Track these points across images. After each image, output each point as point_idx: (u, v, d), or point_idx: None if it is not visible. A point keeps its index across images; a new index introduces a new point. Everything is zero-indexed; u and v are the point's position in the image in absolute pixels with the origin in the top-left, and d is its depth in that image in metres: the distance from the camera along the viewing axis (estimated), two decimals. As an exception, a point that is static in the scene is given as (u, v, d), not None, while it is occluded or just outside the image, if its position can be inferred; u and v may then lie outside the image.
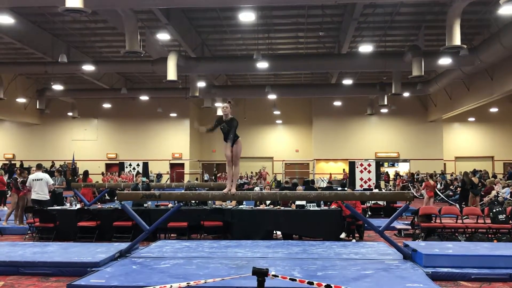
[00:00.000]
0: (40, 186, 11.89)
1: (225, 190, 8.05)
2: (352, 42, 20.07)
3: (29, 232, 11.59)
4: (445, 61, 18.14)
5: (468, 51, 16.46)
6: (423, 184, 17.99)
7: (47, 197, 12.03)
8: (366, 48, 19.53)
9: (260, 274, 3.48)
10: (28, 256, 8.00)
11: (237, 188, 14.91)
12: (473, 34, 20.17)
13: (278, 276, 3.96)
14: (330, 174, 31.23)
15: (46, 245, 9.33)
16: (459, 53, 16.26)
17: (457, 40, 13.75)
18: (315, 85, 29.28)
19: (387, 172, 30.60)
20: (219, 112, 8.03)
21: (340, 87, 26.12)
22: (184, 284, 4.18)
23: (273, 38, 20.82)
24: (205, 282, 4.59)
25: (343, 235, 10.90)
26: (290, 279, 4.28)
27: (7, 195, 20.22)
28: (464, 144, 33.50)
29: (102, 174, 27.11)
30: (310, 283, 3.95)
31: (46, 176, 12.21)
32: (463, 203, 16.83)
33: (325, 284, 3.80)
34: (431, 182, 16.52)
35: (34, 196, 11.89)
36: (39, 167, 12.57)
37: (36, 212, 11.30)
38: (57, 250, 8.59)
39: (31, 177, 12.18)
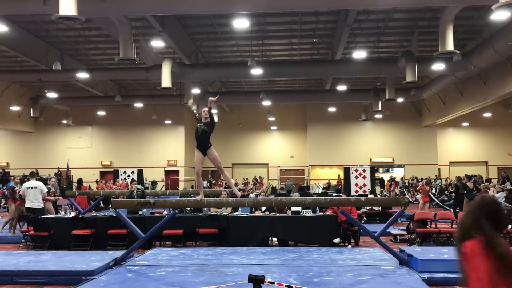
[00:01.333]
0: (34, 194, 11.79)
1: (198, 198, 8.07)
2: (346, 48, 20.14)
3: (23, 240, 11.52)
4: (438, 66, 18.22)
5: (461, 56, 16.55)
6: (418, 186, 18.04)
7: (41, 205, 11.92)
8: (359, 54, 19.61)
9: (256, 281, 3.47)
10: (22, 265, 7.95)
11: (232, 194, 14.82)
12: (466, 40, 20.29)
13: (274, 283, 3.94)
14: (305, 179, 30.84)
15: (41, 253, 9.28)
16: (452, 59, 16.33)
17: (450, 45, 13.83)
18: (309, 91, 29.33)
19: (382, 177, 30.65)
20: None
21: (334, 93, 26.18)
22: (179, 292, 4.14)
23: (267, 44, 20.86)
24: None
25: (337, 240, 10.88)
26: (286, 286, 4.26)
27: (1, 204, 20.14)
28: (458, 149, 33.60)
29: (96, 182, 26.99)
30: (307, 290, 3.93)
31: (40, 184, 12.13)
32: (458, 208, 16.83)
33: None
34: (426, 187, 16.55)
35: (28, 204, 11.79)
36: (33, 175, 12.51)
37: (30, 221, 11.24)
38: (51, 259, 8.54)
39: (25, 185, 12.10)
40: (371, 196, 17.35)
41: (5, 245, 11.86)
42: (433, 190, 25.54)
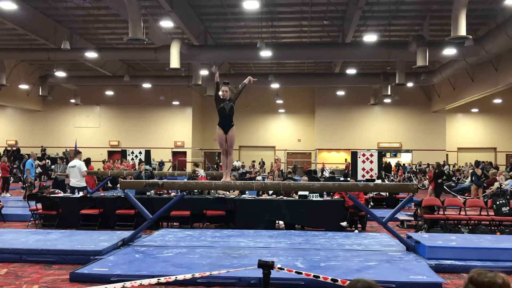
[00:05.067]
0: (74, 173, 12.17)
1: (222, 180, 8.17)
2: (357, 31, 19.93)
3: (31, 219, 11.61)
4: (449, 51, 18.02)
5: (473, 41, 16.31)
6: (427, 174, 17.92)
7: (82, 183, 12.29)
8: (370, 37, 19.38)
9: (266, 267, 3.46)
10: (31, 244, 8.01)
11: (239, 177, 14.85)
12: (479, 25, 20.01)
13: (284, 269, 3.94)
14: (290, 164, 30.80)
15: (49, 232, 9.35)
16: (464, 44, 16.12)
17: (462, 30, 13.62)
18: (318, 74, 29.15)
19: (389, 162, 30.56)
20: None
21: (344, 76, 26.00)
22: (189, 275, 4.16)
23: (277, 26, 20.68)
24: (210, 274, 4.56)
25: (344, 223, 10.89)
26: (295, 272, 4.26)
27: (10, 181, 20.29)
28: (467, 135, 33.41)
29: (103, 162, 27.09)
30: (316, 276, 3.93)
31: (79, 163, 12.38)
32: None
33: (331, 278, 3.78)
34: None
35: (71, 183, 12.28)
36: (77, 154, 12.73)
37: (39, 199, 11.32)
38: (60, 238, 8.60)
39: (69, 164, 12.61)
40: (379, 181, 17.30)
41: (14, 223, 11.97)
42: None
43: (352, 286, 2.34)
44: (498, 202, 10.95)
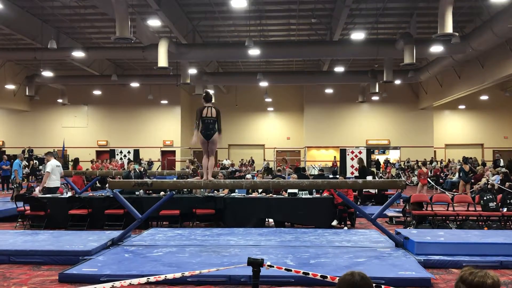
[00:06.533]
0: (59, 173, 12.07)
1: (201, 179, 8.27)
2: (344, 29, 19.99)
3: (19, 220, 11.51)
4: (436, 48, 18.13)
5: (460, 39, 16.44)
6: (417, 172, 18.09)
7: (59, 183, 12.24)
8: (358, 35, 19.45)
9: (256, 265, 3.46)
10: (19, 245, 7.95)
11: (229, 175, 14.84)
12: (465, 22, 20.16)
13: (273, 267, 3.95)
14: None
15: (37, 233, 9.28)
16: (450, 41, 16.24)
17: (449, 27, 13.71)
18: (306, 73, 29.19)
19: (377, 159, 30.70)
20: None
21: (332, 74, 26.07)
22: (179, 274, 4.15)
23: (265, 24, 20.68)
24: (200, 273, 4.56)
25: (334, 223, 10.94)
26: (285, 269, 4.27)
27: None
28: (454, 131, 33.67)
29: (92, 162, 26.92)
30: (306, 273, 3.94)
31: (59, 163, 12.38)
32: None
33: (321, 274, 3.79)
34: (424, 169, 16.58)
35: (53, 184, 11.86)
36: (52, 154, 12.54)
37: (27, 200, 11.23)
38: (48, 239, 8.54)
39: (53, 163, 12.01)
40: (369, 178, 17.37)
41: (2, 224, 11.86)
42: (429, 173, 25.64)
43: (347, 280, 2.31)
44: (485, 198, 11.07)
